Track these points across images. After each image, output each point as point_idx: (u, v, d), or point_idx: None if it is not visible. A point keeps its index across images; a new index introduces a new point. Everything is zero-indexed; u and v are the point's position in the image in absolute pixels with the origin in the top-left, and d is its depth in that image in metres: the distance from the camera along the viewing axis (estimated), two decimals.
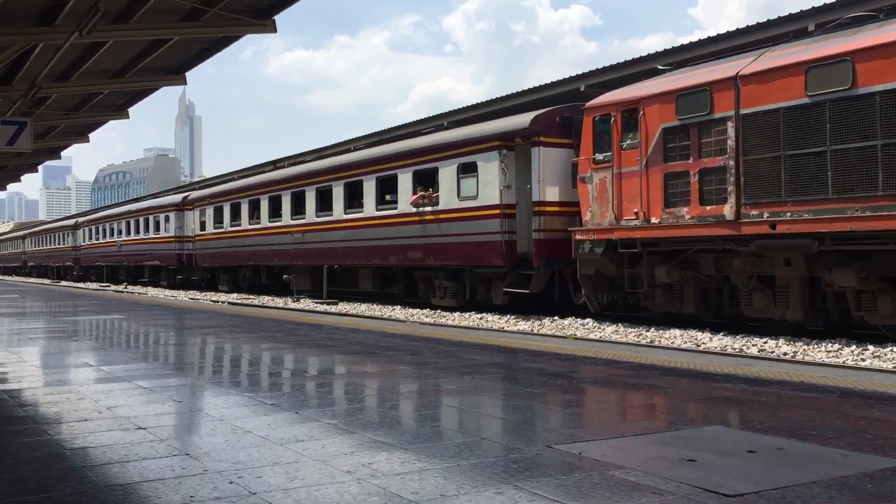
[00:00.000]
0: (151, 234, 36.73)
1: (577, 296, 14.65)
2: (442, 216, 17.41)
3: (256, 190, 26.83)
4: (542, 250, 15.13)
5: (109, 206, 62.16)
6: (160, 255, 35.40)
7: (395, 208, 18.96)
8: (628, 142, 12.94)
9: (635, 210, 12.71)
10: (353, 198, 21.43)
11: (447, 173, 17.32)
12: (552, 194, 15.32)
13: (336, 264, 22.17)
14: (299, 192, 23.77)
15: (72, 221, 55.44)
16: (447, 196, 17.25)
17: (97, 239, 45.82)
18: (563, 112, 15.64)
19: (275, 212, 25.26)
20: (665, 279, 12.50)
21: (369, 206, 20.04)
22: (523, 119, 15.78)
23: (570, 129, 15.30)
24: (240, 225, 27.53)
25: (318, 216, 22.45)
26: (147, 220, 37.49)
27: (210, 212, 30.22)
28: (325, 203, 22.60)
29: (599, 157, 13.53)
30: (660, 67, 14.72)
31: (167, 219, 34.93)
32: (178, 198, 35.75)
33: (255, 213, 26.65)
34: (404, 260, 18.85)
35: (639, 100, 12.72)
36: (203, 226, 30.84)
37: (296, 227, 23.63)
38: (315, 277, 23.70)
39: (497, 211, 15.89)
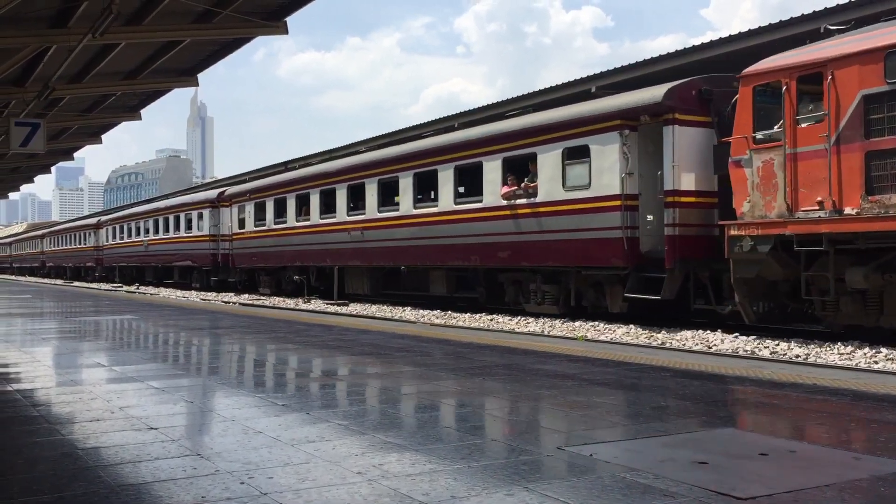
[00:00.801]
0: (183, 233, 34.09)
1: (722, 303, 12.43)
2: (541, 210, 14.97)
3: (306, 183, 24.16)
4: (676, 249, 12.76)
5: (135, 204, 58.59)
6: (193, 255, 32.79)
7: (479, 201, 16.66)
8: (807, 114, 10.68)
9: (819, 199, 10.42)
10: (425, 190, 19.28)
11: (548, 159, 14.85)
12: (688, 182, 12.95)
13: (403, 265, 19.87)
14: (357, 184, 21.23)
15: (94, 220, 52.90)
16: (548, 186, 14.80)
17: (121, 238, 43.26)
18: (699, 84, 13.27)
19: (328, 207, 22.76)
20: (861, 284, 10.26)
21: (445, 199, 17.67)
22: (654, 93, 13.39)
23: (709, 104, 13.10)
24: (285, 222, 24.96)
25: (380, 211, 20.05)
26: (178, 218, 34.76)
27: (251, 208, 27.60)
28: (388, 197, 20.36)
29: (761, 135, 11.25)
30: (831, 28, 11.79)
31: (201, 216, 32.20)
32: (212, 194, 32.89)
33: (303, 208, 24.14)
34: (489, 260, 16.57)
35: (825, 62, 10.42)
36: (242, 223, 28.25)
37: (353, 223, 21.16)
38: (373, 279, 21.42)
39: (617, 203, 13.49)
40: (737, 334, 11.87)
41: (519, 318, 15.87)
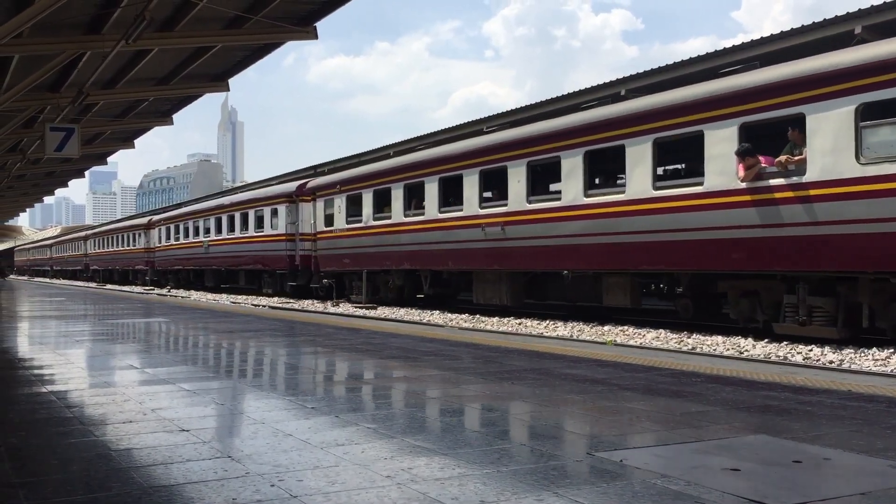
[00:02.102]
0: (252, 232, 30.19)
1: None
2: (812, 193, 10.98)
3: (419, 171, 19.97)
4: None
5: (193, 201, 53.19)
6: (264, 256, 28.90)
7: (698, 184, 12.68)
8: None
9: None
10: (603, 172, 16.26)
11: (828, 123, 10.80)
12: None
13: (566, 269, 15.59)
14: (494, 169, 17.30)
15: (144, 220, 49.05)
16: (827, 160, 10.81)
17: (177, 239, 39.54)
18: None
19: (449, 198, 19.06)
20: None
21: (640, 184, 13.59)
22: None
23: None
24: (390, 217, 21.12)
25: (530, 202, 16.15)
26: (245, 216, 30.93)
27: (341, 202, 23.67)
28: (542, 183, 17.22)
29: None
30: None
31: (275, 213, 28.31)
32: (290, 187, 28.80)
33: (412, 201, 20.37)
34: (707, 262, 12.67)
35: None
36: (330, 220, 24.40)
37: (489, 218, 17.17)
38: (514, 286, 17.38)
39: None
40: (767, 339, 11.73)
41: (547, 322, 15.80)
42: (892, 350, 10.18)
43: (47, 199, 60.90)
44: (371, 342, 10.19)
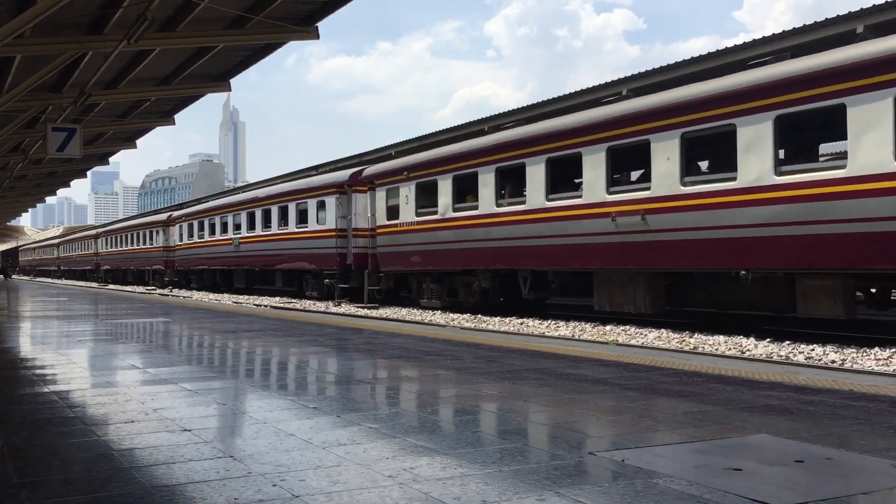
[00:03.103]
0: (294, 228, 26.91)
1: None
2: None
3: (516, 150, 16.69)
4: None
5: (219, 195, 48.57)
6: (309, 255, 25.72)
7: None
8: None
9: None
10: (799, 145, 13.17)
11: None
12: None
13: (746, 269, 12.27)
14: (629, 145, 14.17)
15: (163, 216, 45.10)
16: None
17: (200, 236, 36.10)
18: None
19: (558, 184, 15.98)
20: None
21: (870, 157, 10.62)
22: None
23: None
24: (476, 208, 17.85)
25: (685, 184, 13.03)
26: (285, 210, 27.64)
27: (409, 191, 20.38)
28: (701, 161, 14.44)
29: None
30: None
31: (322, 205, 25.13)
32: (341, 175, 25.31)
33: (505, 188, 17.40)
34: None
35: None
36: (394, 212, 21.06)
37: (622, 205, 14.05)
38: (654, 291, 14.40)
39: None
40: (769, 339, 11.73)
41: (549, 322, 15.80)
42: (894, 350, 10.17)
43: (49, 200, 60.18)
44: (373, 342, 10.20)
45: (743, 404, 5.56)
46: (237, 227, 31.68)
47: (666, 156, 13.12)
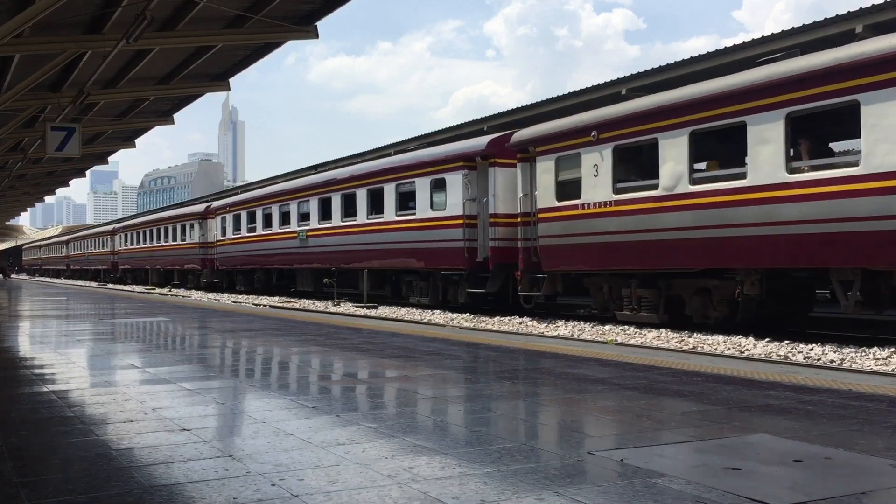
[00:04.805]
0: (393, 216, 21.06)
1: None
2: None
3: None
4: None
5: (269, 181, 40.68)
6: (416, 250, 19.97)
7: None
8: None
9: None
10: None
11: None
12: None
13: None
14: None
15: (198, 207, 39.49)
16: None
17: (251, 229, 30.47)
18: None
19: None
20: None
21: None
22: None
23: None
24: (739, 177, 12.27)
25: None
26: (377, 194, 21.94)
27: (600, 158, 14.66)
28: None
29: None
30: None
31: (438, 185, 19.23)
32: (475, 144, 18.91)
33: (799, 144, 11.73)
34: None
35: None
36: (568, 190, 15.48)
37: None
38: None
39: None
40: (768, 339, 11.74)
41: (548, 321, 15.81)
42: (892, 349, 10.18)
43: (48, 199, 59.08)
44: (372, 342, 10.20)
45: (742, 404, 5.56)
46: (303, 216, 26.25)
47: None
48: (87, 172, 38.09)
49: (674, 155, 13.13)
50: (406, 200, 20.82)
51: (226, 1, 12.84)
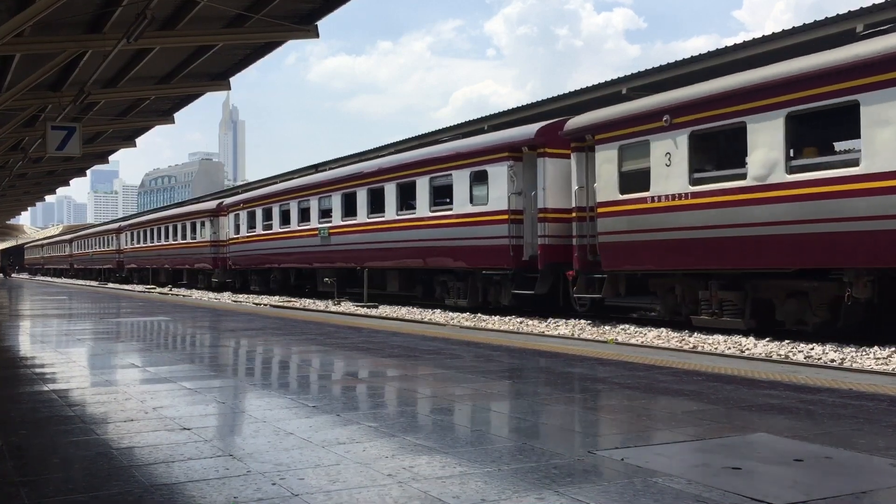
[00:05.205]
0: (426, 211, 19.42)
1: None
2: None
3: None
4: None
5: (287, 175, 37.19)
6: (454, 248, 18.38)
7: None
8: None
9: None
10: None
11: None
12: None
13: None
14: None
15: (210, 203, 36.80)
16: None
17: (267, 227, 28.61)
18: None
19: None
20: None
21: None
22: None
23: None
24: (851, 164, 10.75)
25: None
26: (409, 188, 20.33)
27: (673, 145, 13.17)
28: None
29: None
30: None
31: (479, 178, 17.76)
32: (524, 132, 17.23)
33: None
34: None
35: None
36: (633, 181, 14.03)
37: None
38: None
39: None
40: (768, 338, 11.73)
41: (549, 321, 15.80)
42: (893, 349, 10.17)
43: (49, 198, 58.51)
44: (372, 341, 10.20)
45: (742, 403, 5.56)
46: (325, 213, 24.72)
47: None
48: (88, 172, 38.07)
49: (766, 140, 11.59)
50: (442, 195, 19.13)
51: (226, 0, 12.84)
